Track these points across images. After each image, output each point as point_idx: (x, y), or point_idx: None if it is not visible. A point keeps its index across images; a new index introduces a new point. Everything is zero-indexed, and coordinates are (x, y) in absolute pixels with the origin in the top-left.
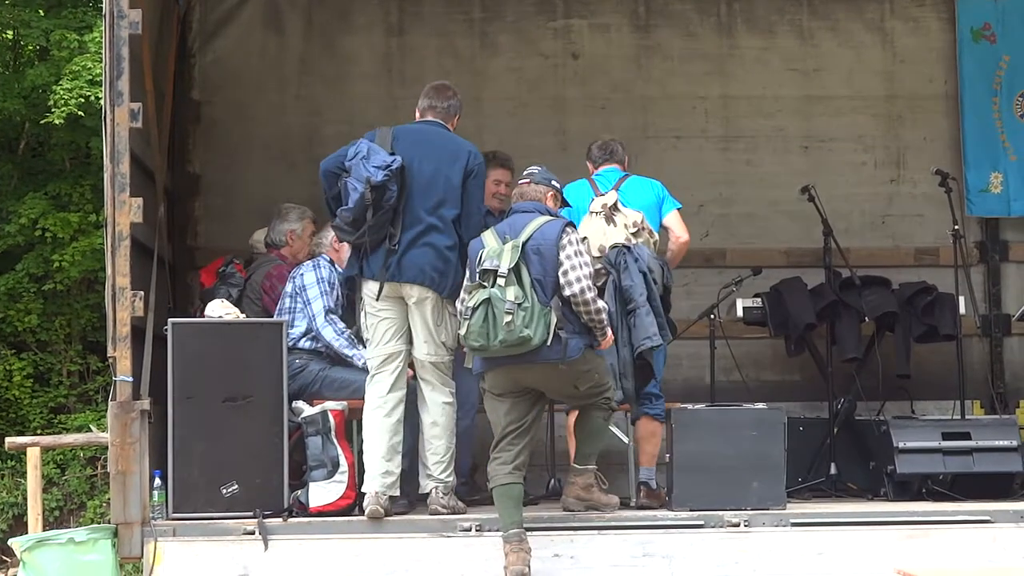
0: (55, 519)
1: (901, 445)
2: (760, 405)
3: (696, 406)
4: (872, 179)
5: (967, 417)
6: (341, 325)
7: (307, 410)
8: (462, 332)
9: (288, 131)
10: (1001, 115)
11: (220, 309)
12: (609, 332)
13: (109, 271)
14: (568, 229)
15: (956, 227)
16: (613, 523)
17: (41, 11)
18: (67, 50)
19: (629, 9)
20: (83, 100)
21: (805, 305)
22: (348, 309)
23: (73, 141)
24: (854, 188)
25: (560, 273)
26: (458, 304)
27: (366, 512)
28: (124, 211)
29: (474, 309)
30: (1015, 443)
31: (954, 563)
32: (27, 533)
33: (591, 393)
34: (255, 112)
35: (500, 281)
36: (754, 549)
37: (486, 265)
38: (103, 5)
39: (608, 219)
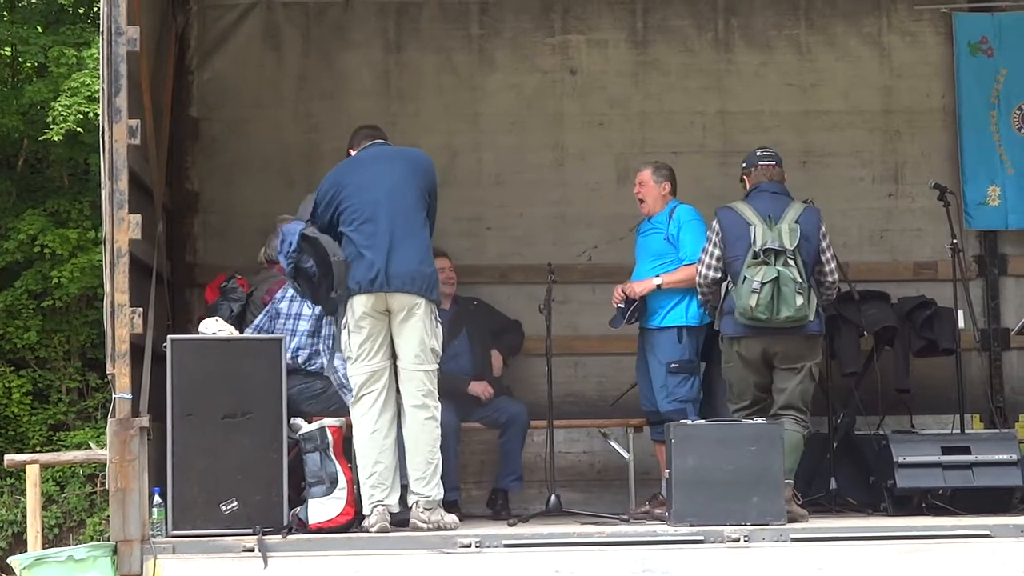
0: (55, 537)
1: (901, 460)
2: (759, 420)
3: (695, 421)
4: (870, 193)
5: (967, 431)
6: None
7: (305, 427)
8: (751, 303)
9: (286, 148)
10: (999, 128)
11: (214, 326)
12: None
13: (108, 288)
14: (822, 217)
15: (954, 241)
16: (613, 539)
17: (39, 28)
18: (65, 67)
19: (627, 25)
20: (81, 117)
21: None
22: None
23: (72, 158)
24: (852, 203)
25: (824, 260)
26: (746, 273)
27: (375, 528)
28: (123, 228)
29: (763, 284)
30: (1015, 457)
31: None
32: (27, 551)
33: (808, 367)
34: (253, 129)
35: (789, 261)
36: (754, 564)
37: (769, 244)
38: (101, 22)
39: None
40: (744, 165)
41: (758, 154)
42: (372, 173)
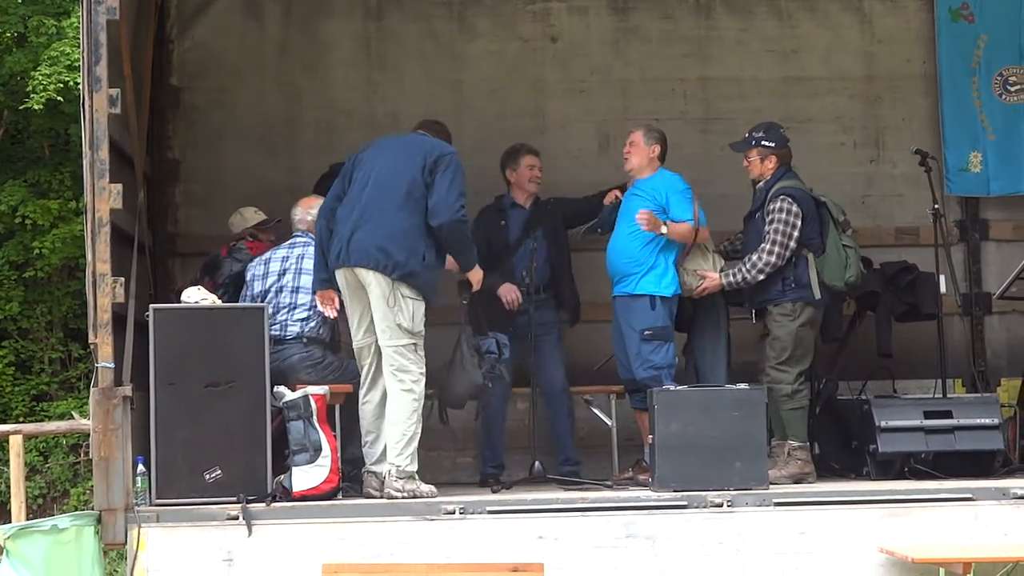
0: (38, 507)
1: (883, 424)
2: (742, 385)
3: (678, 387)
4: (851, 159)
5: (948, 396)
6: None
7: (288, 395)
8: (861, 269)
9: (268, 117)
10: (980, 94)
11: (197, 295)
12: None
13: (89, 257)
14: None
15: (936, 206)
16: (596, 504)
17: None
18: (45, 36)
19: None
20: (62, 85)
21: None
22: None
23: (52, 128)
24: (833, 169)
25: None
26: (845, 242)
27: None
28: (103, 197)
29: (857, 251)
30: (996, 421)
31: (936, 541)
32: (10, 521)
33: None
34: (234, 98)
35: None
36: (737, 529)
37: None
38: None
39: None
40: (773, 145)
41: (783, 133)
42: (373, 153)
